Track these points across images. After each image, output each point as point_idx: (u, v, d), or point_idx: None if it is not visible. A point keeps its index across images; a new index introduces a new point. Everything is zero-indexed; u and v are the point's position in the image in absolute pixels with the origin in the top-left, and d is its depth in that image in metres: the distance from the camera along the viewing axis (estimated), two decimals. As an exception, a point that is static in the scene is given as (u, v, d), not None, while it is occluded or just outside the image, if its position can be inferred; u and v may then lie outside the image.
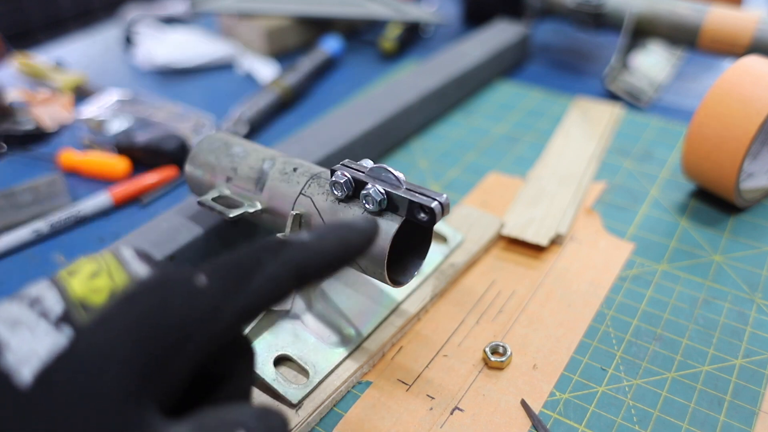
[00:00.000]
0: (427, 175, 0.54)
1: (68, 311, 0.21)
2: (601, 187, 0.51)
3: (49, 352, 0.20)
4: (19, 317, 0.21)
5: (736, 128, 0.43)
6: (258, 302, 0.23)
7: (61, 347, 0.20)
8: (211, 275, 0.23)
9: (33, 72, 0.71)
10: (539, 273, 0.43)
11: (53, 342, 0.20)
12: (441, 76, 0.60)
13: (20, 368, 0.19)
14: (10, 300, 0.21)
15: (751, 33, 0.56)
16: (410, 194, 0.32)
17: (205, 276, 0.22)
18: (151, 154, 0.55)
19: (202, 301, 0.22)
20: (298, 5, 0.75)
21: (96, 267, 0.23)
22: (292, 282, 0.24)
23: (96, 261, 0.23)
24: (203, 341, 0.22)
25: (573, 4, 0.66)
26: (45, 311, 0.21)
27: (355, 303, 0.39)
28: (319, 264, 0.24)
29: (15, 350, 0.20)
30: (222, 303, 0.22)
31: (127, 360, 0.20)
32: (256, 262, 0.23)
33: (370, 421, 0.34)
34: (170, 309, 0.21)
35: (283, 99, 0.64)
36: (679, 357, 0.37)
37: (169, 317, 0.21)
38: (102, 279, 0.22)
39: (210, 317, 0.22)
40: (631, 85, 0.64)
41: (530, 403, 0.34)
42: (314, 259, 0.24)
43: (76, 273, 0.22)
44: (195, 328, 0.21)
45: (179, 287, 0.22)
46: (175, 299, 0.22)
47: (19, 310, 0.21)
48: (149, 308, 0.21)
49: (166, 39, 0.77)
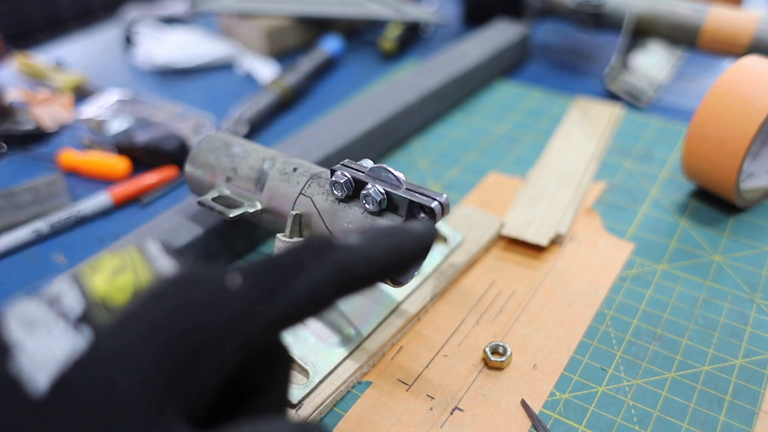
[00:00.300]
0: (427, 175, 0.54)
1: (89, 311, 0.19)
2: (601, 187, 0.51)
3: (66, 355, 0.18)
4: (37, 317, 0.19)
5: (736, 128, 0.43)
6: (296, 309, 0.21)
7: (80, 350, 0.18)
8: (246, 277, 0.21)
9: (33, 72, 0.71)
10: (539, 273, 0.43)
11: (71, 344, 0.18)
12: (441, 76, 0.60)
13: (36, 374, 0.18)
14: (29, 298, 0.20)
15: (751, 33, 0.56)
16: (410, 194, 0.32)
17: (240, 277, 0.21)
18: (151, 154, 0.55)
19: (234, 304, 0.20)
20: (298, 5, 0.75)
21: (120, 263, 0.21)
22: (336, 289, 0.22)
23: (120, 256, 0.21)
24: (234, 347, 0.20)
25: (573, 4, 0.66)
26: (64, 311, 0.19)
27: (355, 303, 0.39)
28: (367, 271, 0.22)
29: (31, 353, 0.18)
30: (256, 307, 0.20)
31: (150, 365, 0.18)
32: (299, 266, 0.21)
33: (370, 421, 0.34)
34: (198, 310, 0.20)
35: (283, 99, 0.64)
36: (679, 357, 0.37)
37: (196, 319, 0.19)
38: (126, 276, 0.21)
39: (242, 321, 0.20)
40: (631, 85, 0.64)
41: (530, 403, 0.34)
42: (362, 266, 0.22)
43: (99, 269, 0.21)
44: (225, 332, 0.20)
45: (209, 287, 0.20)
46: (204, 300, 0.20)
47: (37, 310, 0.19)
48: (175, 308, 0.20)
49: (166, 39, 0.77)
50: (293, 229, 0.36)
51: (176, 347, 0.19)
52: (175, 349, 0.19)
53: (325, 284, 0.21)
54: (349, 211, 0.34)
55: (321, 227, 0.35)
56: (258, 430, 0.20)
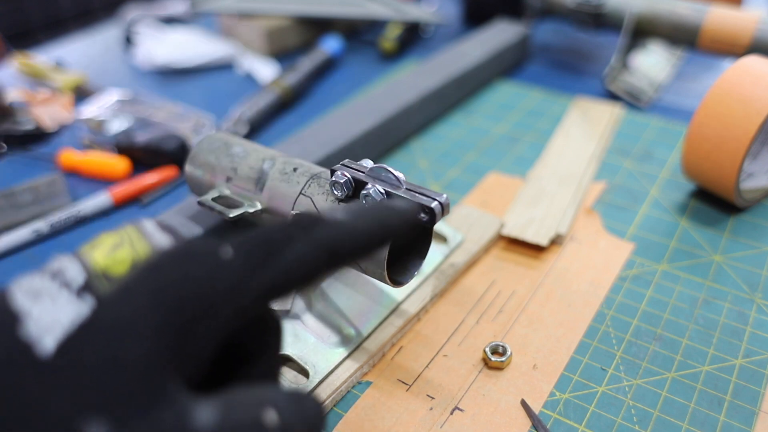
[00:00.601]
0: (427, 175, 0.54)
1: (90, 281, 0.21)
2: (601, 187, 0.51)
3: (71, 321, 0.19)
4: (41, 288, 0.20)
5: (736, 128, 0.43)
6: (286, 279, 0.22)
7: (83, 316, 0.20)
8: (237, 249, 0.22)
9: (33, 72, 0.71)
10: (539, 273, 0.43)
11: (75, 311, 0.20)
12: (441, 76, 0.60)
13: (43, 337, 0.19)
14: (32, 273, 0.21)
15: (751, 33, 0.56)
16: (410, 194, 0.32)
17: (232, 249, 0.22)
18: (151, 154, 0.55)
19: (228, 274, 0.21)
20: (298, 5, 0.75)
21: (118, 239, 0.22)
22: (323, 262, 0.23)
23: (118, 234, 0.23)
24: (228, 314, 0.21)
25: (573, 4, 0.66)
26: (67, 282, 0.20)
27: (355, 303, 0.39)
28: (353, 245, 0.23)
29: (37, 319, 0.19)
30: (248, 277, 0.22)
31: (150, 329, 0.20)
32: (287, 239, 0.22)
33: (370, 421, 0.34)
34: (194, 279, 0.21)
35: (283, 99, 0.64)
36: (679, 357, 0.37)
37: (193, 287, 0.21)
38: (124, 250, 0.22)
39: (235, 290, 0.21)
40: (631, 85, 0.64)
41: (530, 403, 0.34)
42: (348, 240, 0.23)
43: (98, 246, 0.22)
44: (220, 299, 0.21)
45: (204, 258, 0.21)
46: (200, 270, 0.21)
47: (41, 282, 0.21)
48: (172, 277, 0.21)
49: (166, 39, 0.77)
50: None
51: (175, 315, 0.20)
52: (174, 317, 0.20)
53: (313, 257, 0.23)
54: (349, 211, 0.34)
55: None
56: (252, 393, 0.21)
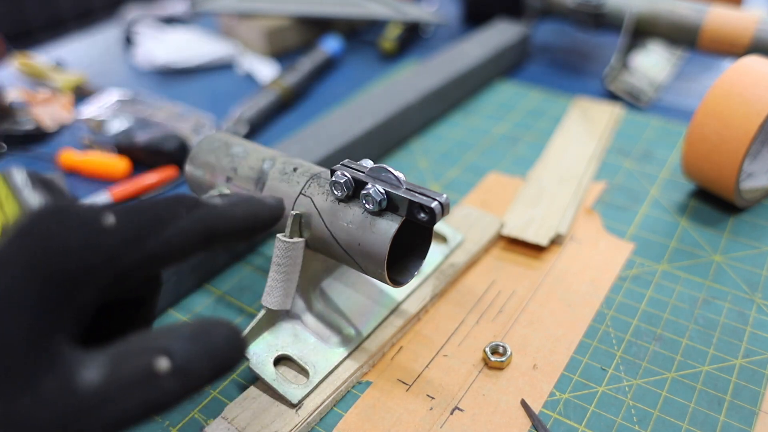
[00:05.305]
0: (427, 175, 0.54)
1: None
2: (601, 187, 0.51)
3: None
4: None
5: (736, 128, 0.43)
6: (166, 252, 0.23)
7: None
8: (122, 217, 0.22)
9: (33, 72, 0.71)
10: (539, 273, 0.43)
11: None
12: (441, 76, 0.60)
13: None
14: None
15: (751, 33, 0.56)
16: (410, 194, 0.32)
17: (115, 217, 0.22)
18: (151, 154, 0.55)
19: (107, 241, 0.22)
20: (298, 5, 0.75)
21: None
22: (200, 239, 0.25)
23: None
24: (106, 280, 0.21)
25: (573, 4, 0.66)
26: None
27: (355, 303, 0.39)
28: (226, 228, 0.26)
29: None
30: (129, 246, 0.22)
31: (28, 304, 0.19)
32: (171, 214, 0.24)
33: (370, 421, 0.34)
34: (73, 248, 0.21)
35: (283, 99, 0.64)
36: (679, 357, 0.37)
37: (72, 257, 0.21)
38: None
39: (116, 258, 0.22)
40: (631, 85, 0.64)
41: (530, 403, 0.34)
42: (223, 223, 0.26)
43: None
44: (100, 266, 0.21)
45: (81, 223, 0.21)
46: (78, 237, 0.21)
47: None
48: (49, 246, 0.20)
49: (166, 39, 0.77)
50: (293, 229, 0.36)
51: (54, 287, 0.20)
52: (52, 289, 0.20)
53: (192, 233, 0.24)
54: (349, 211, 0.34)
55: (321, 227, 0.35)
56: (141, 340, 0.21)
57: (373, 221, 0.33)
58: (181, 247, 0.24)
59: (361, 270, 0.34)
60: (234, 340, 0.22)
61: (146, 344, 0.21)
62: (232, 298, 0.43)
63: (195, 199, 0.25)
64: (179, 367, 0.20)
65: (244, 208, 0.27)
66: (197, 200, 0.25)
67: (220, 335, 0.22)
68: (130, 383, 0.20)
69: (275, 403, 0.34)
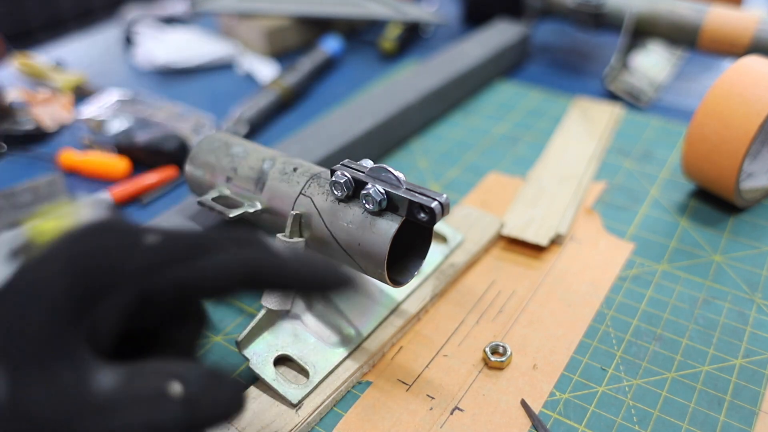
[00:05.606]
0: (427, 175, 0.54)
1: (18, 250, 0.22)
2: (601, 187, 0.51)
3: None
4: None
5: (736, 128, 0.43)
6: (197, 283, 0.23)
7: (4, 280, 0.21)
8: (166, 239, 0.23)
9: (33, 72, 0.71)
10: (539, 273, 0.43)
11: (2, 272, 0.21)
12: (441, 76, 0.60)
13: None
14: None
15: (751, 33, 0.56)
16: (410, 194, 0.32)
17: (161, 237, 0.23)
18: (151, 154, 0.55)
19: (142, 256, 0.22)
20: (298, 5, 0.75)
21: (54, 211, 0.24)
22: (241, 279, 0.23)
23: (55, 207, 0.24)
24: (133, 294, 0.22)
25: (573, 4, 0.66)
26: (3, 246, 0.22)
27: (355, 303, 0.39)
28: (275, 276, 0.24)
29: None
30: (159, 267, 0.22)
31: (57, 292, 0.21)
32: (216, 247, 0.24)
33: (370, 421, 0.34)
34: (106, 253, 0.22)
35: (283, 99, 0.64)
36: (679, 357, 0.37)
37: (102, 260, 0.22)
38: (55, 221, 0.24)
39: (145, 274, 0.22)
40: (631, 85, 0.64)
41: (530, 403, 0.34)
42: (273, 270, 0.24)
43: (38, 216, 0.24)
44: (129, 277, 0.22)
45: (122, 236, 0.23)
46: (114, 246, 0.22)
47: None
48: (87, 247, 0.22)
49: (166, 39, 0.77)
50: (293, 229, 0.36)
51: (82, 281, 0.21)
52: (81, 283, 0.21)
53: (231, 270, 0.23)
54: (349, 211, 0.34)
55: (321, 227, 0.35)
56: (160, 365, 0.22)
57: (373, 221, 0.33)
58: (214, 281, 0.23)
59: (361, 270, 0.34)
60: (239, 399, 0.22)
61: (164, 368, 0.21)
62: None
63: (253, 239, 0.24)
64: (190, 396, 0.21)
65: (309, 266, 0.24)
66: (256, 240, 0.24)
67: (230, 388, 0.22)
68: (141, 398, 0.20)
69: (275, 403, 0.34)
